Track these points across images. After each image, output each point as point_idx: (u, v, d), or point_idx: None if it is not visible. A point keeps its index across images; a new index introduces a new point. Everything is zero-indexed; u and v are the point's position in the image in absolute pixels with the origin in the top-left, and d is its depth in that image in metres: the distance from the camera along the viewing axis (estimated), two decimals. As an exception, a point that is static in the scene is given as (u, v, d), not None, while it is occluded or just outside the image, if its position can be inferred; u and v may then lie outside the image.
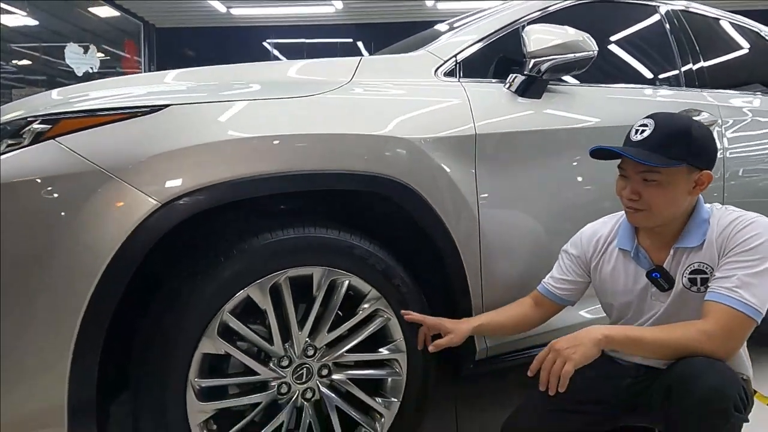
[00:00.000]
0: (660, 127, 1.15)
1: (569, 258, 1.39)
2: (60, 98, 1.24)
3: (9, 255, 0.99)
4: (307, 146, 1.21)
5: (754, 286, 1.08)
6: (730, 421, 1.02)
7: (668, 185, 1.15)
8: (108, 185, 1.04)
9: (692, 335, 1.10)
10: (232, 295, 1.17)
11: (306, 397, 1.29)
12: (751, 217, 1.15)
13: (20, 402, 1.02)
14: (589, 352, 1.11)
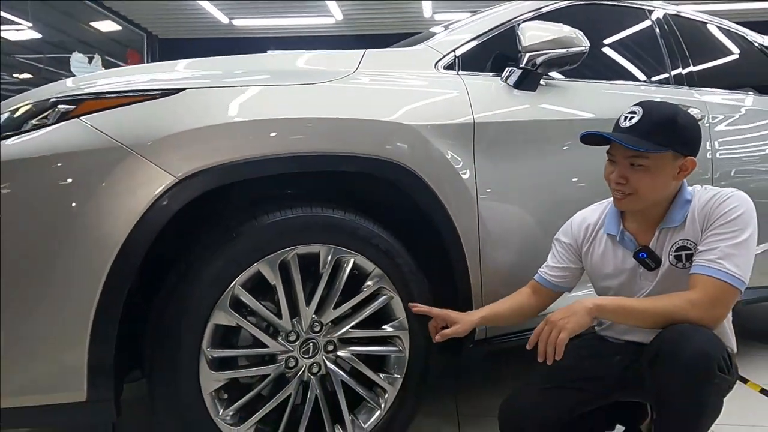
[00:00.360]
0: (648, 114, 1.21)
1: (562, 246, 1.44)
2: (74, 86, 1.28)
3: (37, 223, 1.06)
4: (314, 129, 1.28)
5: (735, 256, 1.14)
6: (715, 381, 1.07)
7: (655, 170, 1.21)
8: (128, 161, 1.11)
9: (679, 304, 1.16)
10: (243, 269, 1.23)
11: (312, 372, 1.34)
12: (729, 192, 1.22)
13: (45, 365, 1.07)
14: (582, 321, 1.17)
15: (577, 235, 1.42)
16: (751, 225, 1.17)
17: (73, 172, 1.09)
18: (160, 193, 1.12)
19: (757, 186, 2.22)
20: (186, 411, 1.18)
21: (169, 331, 1.17)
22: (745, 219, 1.17)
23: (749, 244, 1.16)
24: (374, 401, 1.41)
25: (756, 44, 2.66)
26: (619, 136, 1.23)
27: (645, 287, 1.30)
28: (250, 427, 1.26)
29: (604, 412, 1.43)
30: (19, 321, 1.06)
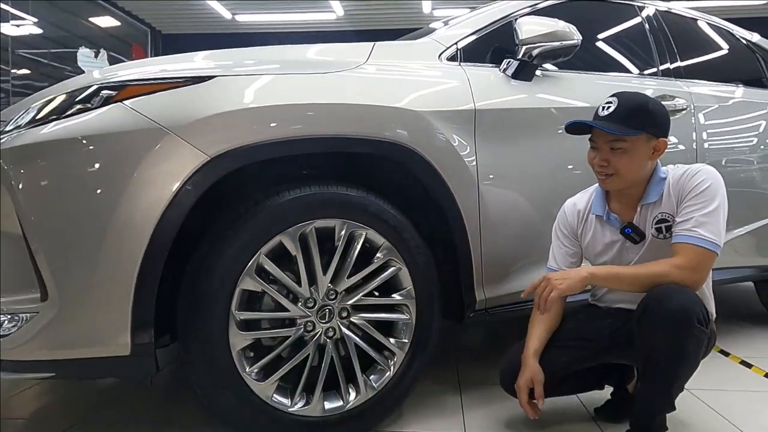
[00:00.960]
0: (622, 103, 1.37)
1: (563, 235, 1.58)
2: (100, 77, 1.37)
3: (88, 194, 1.19)
4: (331, 114, 1.41)
5: (708, 223, 1.30)
6: (694, 332, 1.22)
7: (632, 151, 1.36)
8: (167, 140, 1.24)
9: (664, 268, 1.31)
10: (267, 240, 1.36)
11: (328, 335, 1.47)
12: (698, 167, 1.38)
13: (95, 321, 1.21)
14: (574, 285, 1.33)
15: (572, 221, 1.56)
16: (719, 194, 1.33)
17: (118, 149, 1.23)
18: (195, 170, 1.25)
19: (746, 176, 2.36)
20: (218, 365, 1.31)
21: (204, 294, 1.30)
22: (713, 189, 1.32)
23: (719, 212, 1.31)
24: (384, 363, 1.54)
25: (743, 40, 2.80)
26: (599, 123, 1.37)
27: (632, 259, 1.45)
28: (273, 383, 1.40)
29: (594, 372, 1.57)
30: (73, 280, 1.19)
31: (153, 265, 1.22)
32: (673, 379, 1.28)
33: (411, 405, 1.68)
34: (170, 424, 1.64)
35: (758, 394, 1.83)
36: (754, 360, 2.16)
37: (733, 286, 3.53)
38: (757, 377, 2.00)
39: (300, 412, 1.42)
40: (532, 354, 1.45)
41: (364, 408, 1.50)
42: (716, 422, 1.59)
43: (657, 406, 1.32)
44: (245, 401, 1.35)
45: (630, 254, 1.45)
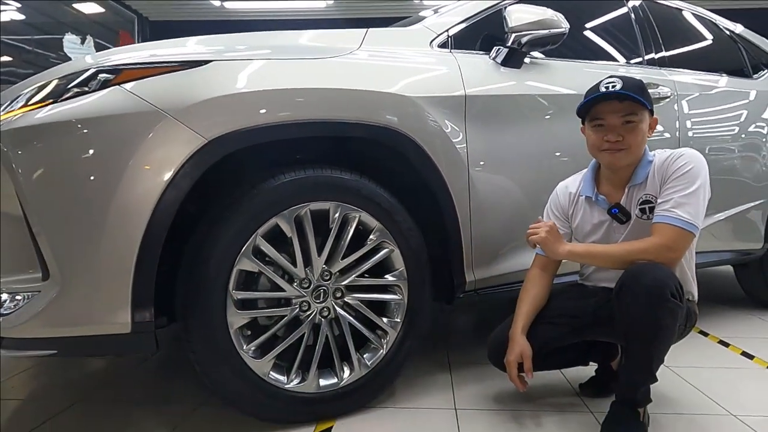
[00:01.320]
0: (626, 81, 1.41)
1: (555, 217, 1.62)
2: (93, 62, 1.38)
3: (88, 174, 1.21)
4: (326, 98, 1.44)
5: (687, 204, 1.35)
6: (668, 305, 1.28)
7: (640, 125, 1.43)
8: (165, 123, 1.27)
9: (640, 246, 1.38)
10: (263, 222, 1.39)
11: (323, 315, 1.52)
12: (682, 151, 1.43)
13: (96, 299, 1.23)
14: (550, 250, 1.48)
15: (564, 203, 1.61)
16: (701, 176, 1.38)
17: (117, 132, 1.25)
18: (193, 152, 1.28)
19: (727, 165, 2.42)
20: (217, 343, 1.35)
21: (202, 274, 1.33)
22: (695, 172, 1.37)
23: (699, 194, 1.36)
24: (377, 342, 1.59)
25: (726, 31, 2.86)
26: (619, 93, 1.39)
27: (618, 239, 1.50)
28: (270, 360, 1.44)
29: (579, 348, 1.64)
30: (74, 259, 1.22)
31: (152, 245, 1.25)
32: (652, 351, 1.34)
33: (403, 383, 1.74)
34: (168, 403, 1.68)
35: (735, 371, 1.92)
36: (732, 340, 2.25)
37: (714, 271, 3.64)
38: (735, 355, 2.08)
39: (296, 389, 1.47)
40: (519, 330, 1.51)
41: (357, 385, 1.55)
42: (695, 397, 1.67)
43: (639, 378, 1.38)
44: (243, 377, 1.39)
45: (616, 234, 1.51)
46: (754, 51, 2.90)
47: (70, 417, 1.58)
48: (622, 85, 1.40)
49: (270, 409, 1.45)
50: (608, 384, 1.65)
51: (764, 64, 2.90)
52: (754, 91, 2.62)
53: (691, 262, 1.51)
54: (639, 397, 1.39)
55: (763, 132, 2.56)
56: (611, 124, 1.43)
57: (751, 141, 2.51)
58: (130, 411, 1.63)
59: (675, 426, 1.47)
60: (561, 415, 1.55)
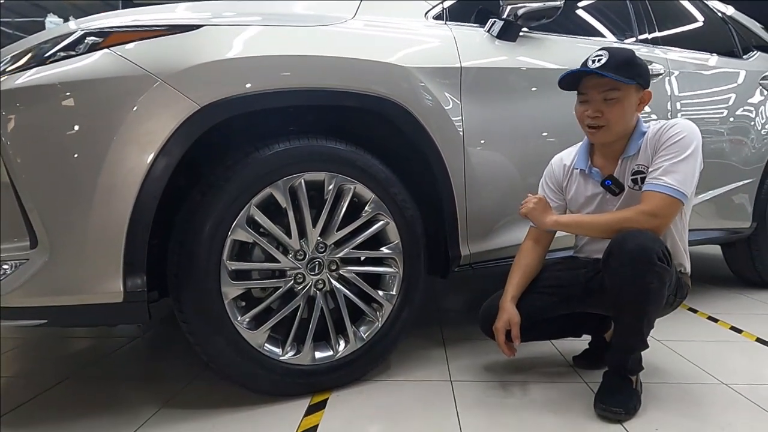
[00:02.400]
0: (613, 55, 1.40)
1: (549, 189, 1.63)
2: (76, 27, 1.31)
3: (77, 140, 1.18)
4: (322, 66, 1.42)
5: (675, 172, 1.35)
6: (655, 268, 1.28)
7: (624, 101, 1.40)
8: (156, 88, 1.23)
9: (625, 214, 1.38)
10: (257, 191, 1.37)
11: (318, 287, 1.50)
12: (675, 121, 1.43)
13: (86, 267, 1.21)
14: (541, 220, 1.50)
15: (558, 175, 1.61)
16: (692, 145, 1.36)
17: (106, 96, 1.21)
18: (185, 118, 1.25)
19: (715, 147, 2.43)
20: (211, 313, 1.33)
21: (196, 244, 1.30)
22: (687, 141, 1.36)
23: (689, 161, 1.35)
24: (373, 315, 1.58)
25: (718, 13, 2.87)
26: (598, 69, 1.38)
27: (611, 210, 1.49)
28: (265, 332, 1.42)
29: (571, 320, 1.64)
30: (63, 226, 1.19)
31: (144, 212, 1.22)
32: (642, 316, 1.34)
33: (398, 358, 1.73)
34: (159, 379, 1.66)
35: (725, 344, 1.94)
36: (720, 315, 2.28)
37: (703, 251, 3.69)
38: (724, 330, 2.11)
39: (291, 361, 1.46)
40: (509, 299, 1.52)
41: (353, 357, 1.54)
42: (687, 367, 1.69)
43: (631, 344, 1.39)
44: (237, 349, 1.37)
45: (609, 206, 1.50)
46: (744, 32, 2.93)
47: (60, 393, 1.55)
48: (608, 59, 1.38)
49: (265, 381, 1.43)
50: (601, 356, 1.65)
51: (754, 45, 2.92)
52: (744, 70, 2.64)
53: (683, 234, 1.51)
54: (631, 364, 1.40)
55: (753, 110, 2.59)
56: (593, 99, 1.42)
57: (743, 117, 2.54)
58: (121, 387, 1.60)
59: (669, 394, 1.49)
60: (555, 384, 1.56)
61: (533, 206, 1.50)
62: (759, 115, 2.61)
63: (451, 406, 1.42)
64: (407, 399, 1.47)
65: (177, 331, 2.07)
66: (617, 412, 1.33)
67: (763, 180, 2.64)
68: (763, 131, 2.61)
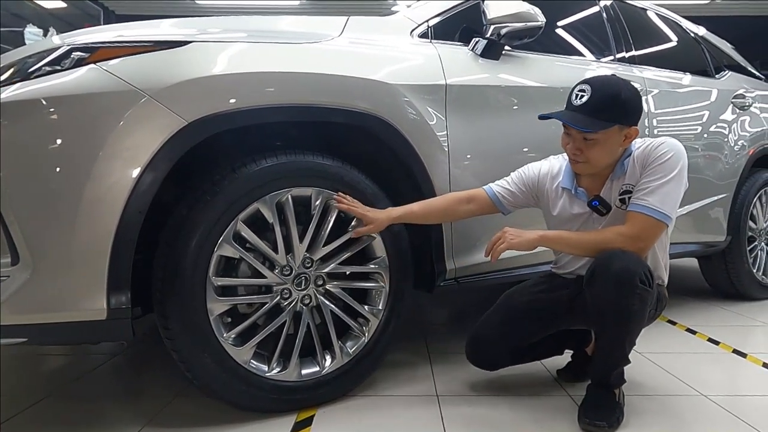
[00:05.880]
0: (595, 92, 1.36)
1: (524, 180, 1.59)
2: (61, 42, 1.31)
3: (62, 156, 1.17)
4: (309, 83, 1.43)
5: (660, 193, 1.36)
6: (637, 291, 1.30)
7: (604, 142, 1.39)
8: (143, 104, 1.23)
9: (609, 235, 1.39)
10: (244, 207, 1.37)
11: (304, 303, 1.50)
12: (661, 140, 1.43)
13: (69, 284, 1.19)
14: (524, 245, 1.44)
15: (543, 180, 1.58)
16: (678, 165, 1.37)
17: (92, 111, 1.20)
18: (172, 134, 1.25)
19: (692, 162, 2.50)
20: (196, 330, 1.32)
21: (181, 260, 1.29)
22: (673, 161, 1.37)
23: (674, 182, 1.36)
24: (359, 330, 1.58)
25: (691, 33, 2.98)
26: (570, 116, 1.38)
27: (596, 228, 1.50)
28: (251, 348, 1.41)
29: (556, 338, 1.67)
30: (46, 243, 1.17)
31: (130, 227, 1.21)
32: (624, 336, 1.37)
33: (384, 372, 1.73)
34: (142, 396, 1.63)
35: (703, 356, 1.99)
36: (698, 327, 2.33)
37: (680, 265, 3.77)
38: (701, 342, 2.16)
39: (277, 377, 1.44)
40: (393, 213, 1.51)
41: (339, 373, 1.53)
42: (667, 379, 1.72)
43: (613, 361, 1.41)
44: (222, 366, 1.36)
45: (594, 224, 1.51)
46: (716, 52, 3.04)
47: (39, 413, 1.51)
48: (589, 97, 1.35)
49: (250, 398, 1.42)
50: (584, 368, 1.68)
51: (725, 65, 3.03)
52: (717, 89, 2.74)
53: (665, 249, 1.53)
54: (613, 379, 1.43)
55: (726, 127, 2.68)
56: (574, 136, 1.41)
57: (716, 134, 2.62)
58: (102, 405, 1.57)
59: (650, 406, 1.51)
60: (540, 398, 1.57)
61: (509, 236, 1.44)
62: (732, 132, 2.70)
63: (438, 422, 1.42)
64: (394, 415, 1.47)
65: (157, 348, 2.04)
66: (601, 425, 1.35)
67: (736, 195, 2.72)
68: (736, 147, 2.70)
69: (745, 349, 2.03)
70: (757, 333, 2.34)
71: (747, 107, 2.83)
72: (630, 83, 1.42)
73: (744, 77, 3.08)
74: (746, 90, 2.91)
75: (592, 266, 1.36)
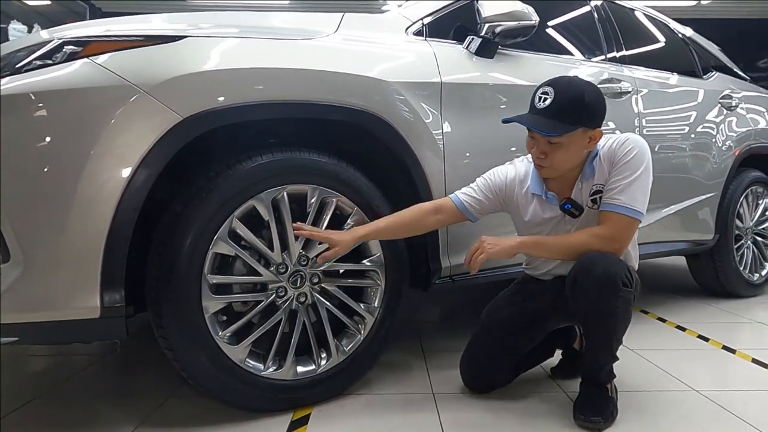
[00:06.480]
0: (558, 94, 1.33)
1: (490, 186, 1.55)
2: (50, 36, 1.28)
3: (54, 151, 1.15)
4: (306, 79, 1.42)
5: (632, 191, 1.36)
6: (620, 294, 1.32)
7: (568, 145, 1.36)
8: (137, 99, 1.21)
9: (586, 238, 1.38)
10: (240, 204, 1.36)
11: (300, 301, 1.49)
12: (624, 136, 1.42)
13: (61, 282, 1.16)
14: (503, 253, 1.42)
15: (511, 186, 1.55)
16: (644, 162, 1.37)
17: (85, 106, 1.18)
18: (167, 130, 1.23)
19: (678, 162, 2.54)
20: (191, 328, 1.30)
21: (176, 257, 1.28)
22: (639, 158, 1.37)
23: (642, 179, 1.36)
24: (355, 328, 1.57)
25: (679, 34, 3.01)
26: (533, 120, 1.36)
27: (569, 230, 1.49)
28: (246, 347, 1.40)
29: (542, 344, 1.68)
30: (38, 240, 1.15)
31: (124, 224, 1.19)
32: (611, 336, 1.38)
33: (380, 371, 1.73)
34: (133, 397, 1.60)
35: (694, 352, 2.01)
36: (688, 324, 2.36)
37: (668, 264, 3.82)
38: (692, 338, 2.19)
39: (273, 376, 1.43)
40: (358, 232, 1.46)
41: (335, 371, 1.53)
42: (659, 375, 1.74)
43: (602, 361, 1.43)
44: (218, 364, 1.34)
45: (567, 226, 1.50)
46: (703, 53, 3.08)
47: (26, 415, 1.48)
48: (552, 99, 1.32)
49: (246, 397, 1.41)
50: (575, 364, 1.69)
51: (712, 66, 3.07)
52: (705, 90, 2.77)
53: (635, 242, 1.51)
54: (603, 376, 1.44)
55: (714, 127, 2.72)
56: (538, 139, 1.39)
57: (704, 134, 2.65)
58: (93, 407, 1.54)
59: (644, 402, 1.53)
60: (536, 395, 1.58)
61: (488, 246, 1.41)
62: (719, 133, 2.74)
63: (435, 420, 1.42)
64: (391, 413, 1.46)
65: (147, 347, 2.02)
66: (596, 421, 1.36)
67: (724, 194, 2.76)
68: (723, 147, 2.74)
69: (734, 346, 2.06)
70: (744, 329, 2.38)
71: (734, 108, 2.88)
72: (593, 84, 1.41)
73: (730, 78, 3.13)
74: (733, 91, 2.96)
75: (573, 272, 1.36)
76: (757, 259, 3.02)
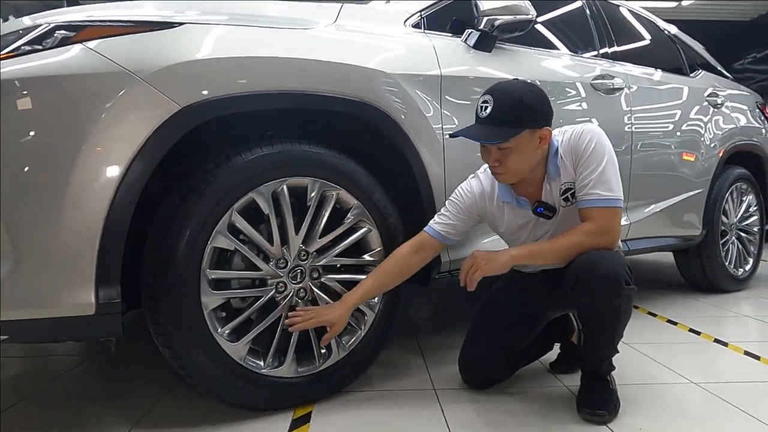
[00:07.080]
0: (497, 101, 1.32)
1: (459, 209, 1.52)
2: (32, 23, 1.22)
3: (45, 140, 1.09)
4: (307, 69, 1.39)
5: (604, 180, 1.35)
6: (623, 292, 1.31)
7: (519, 149, 1.34)
8: (134, 86, 1.16)
9: (579, 237, 1.37)
10: (240, 197, 1.32)
11: (300, 296, 1.46)
12: (579, 128, 1.40)
13: (56, 278, 1.11)
14: (498, 269, 1.39)
15: (481, 201, 1.52)
16: (606, 149, 1.37)
17: (78, 94, 1.13)
18: (165, 119, 1.19)
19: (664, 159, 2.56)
20: (190, 325, 1.26)
21: (174, 252, 1.23)
22: (600, 147, 1.37)
23: (610, 166, 1.36)
24: (355, 324, 1.55)
25: (666, 32, 3.05)
26: (478, 131, 1.36)
27: (547, 230, 1.48)
28: (246, 344, 1.36)
29: (542, 338, 1.67)
30: (30, 234, 1.09)
31: (120, 217, 1.14)
32: (613, 333, 1.39)
33: (380, 369, 1.71)
34: (127, 397, 1.55)
35: (688, 345, 2.04)
36: (678, 319, 2.39)
37: (656, 259, 3.88)
38: (684, 332, 2.21)
39: (273, 373, 1.40)
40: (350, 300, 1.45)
41: (336, 368, 1.50)
42: (657, 368, 1.76)
43: (602, 355, 1.43)
44: (217, 362, 1.30)
45: (544, 227, 1.48)
46: (689, 51, 3.12)
47: (13, 419, 1.41)
48: (492, 108, 1.32)
49: (246, 396, 1.37)
50: (573, 358, 1.69)
51: (698, 64, 3.12)
52: (692, 87, 2.82)
53: None
54: (603, 369, 1.44)
55: (701, 125, 2.76)
56: (489, 148, 1.38)
57: (692, 132, 2.69)
58: (84, 409, 1.49)
59: (644, 395, 1.53)
60: (537, 390, 1.57)
61: (482, 262, 1.37)
62: (707, 131, 2.78)
63: (439, 414, 1.40)
64: (393, 410, 1.44)
65: (137, 346, 1.96)
66: (601, 414, 1.36)
67: (710, 190, 2.80)
68: (711, 145, 2.78)
69: (726, 338, 2.09)
70: (733, 323, 2.41)
71: (720, 105, 2.93)
72: (533, 85, 1.41)
73: (715, 76, 3.18)
74: (718, 89, 3.01)
75: (574, 271, 1.35)
76: (742, 254, 3.08)
